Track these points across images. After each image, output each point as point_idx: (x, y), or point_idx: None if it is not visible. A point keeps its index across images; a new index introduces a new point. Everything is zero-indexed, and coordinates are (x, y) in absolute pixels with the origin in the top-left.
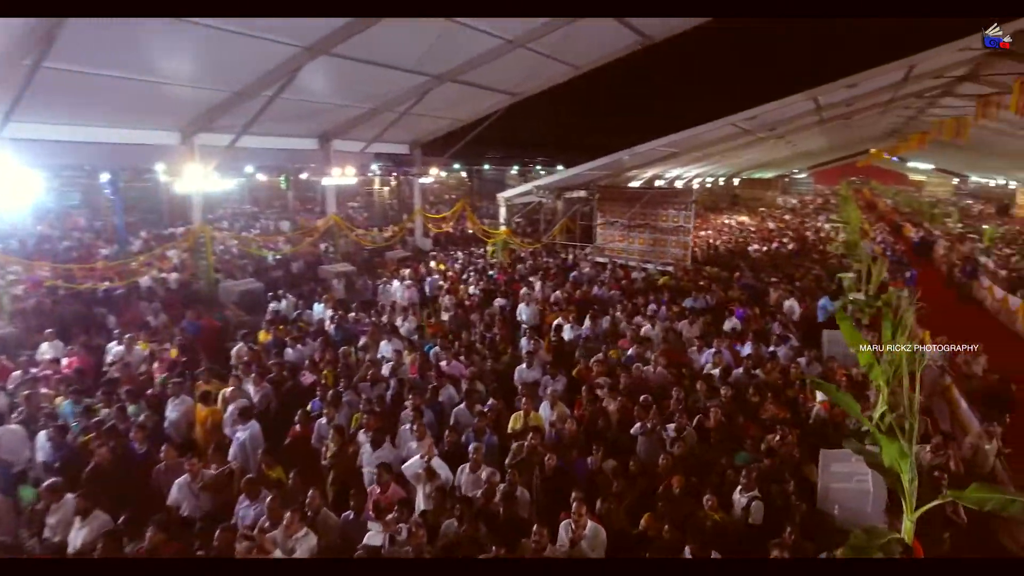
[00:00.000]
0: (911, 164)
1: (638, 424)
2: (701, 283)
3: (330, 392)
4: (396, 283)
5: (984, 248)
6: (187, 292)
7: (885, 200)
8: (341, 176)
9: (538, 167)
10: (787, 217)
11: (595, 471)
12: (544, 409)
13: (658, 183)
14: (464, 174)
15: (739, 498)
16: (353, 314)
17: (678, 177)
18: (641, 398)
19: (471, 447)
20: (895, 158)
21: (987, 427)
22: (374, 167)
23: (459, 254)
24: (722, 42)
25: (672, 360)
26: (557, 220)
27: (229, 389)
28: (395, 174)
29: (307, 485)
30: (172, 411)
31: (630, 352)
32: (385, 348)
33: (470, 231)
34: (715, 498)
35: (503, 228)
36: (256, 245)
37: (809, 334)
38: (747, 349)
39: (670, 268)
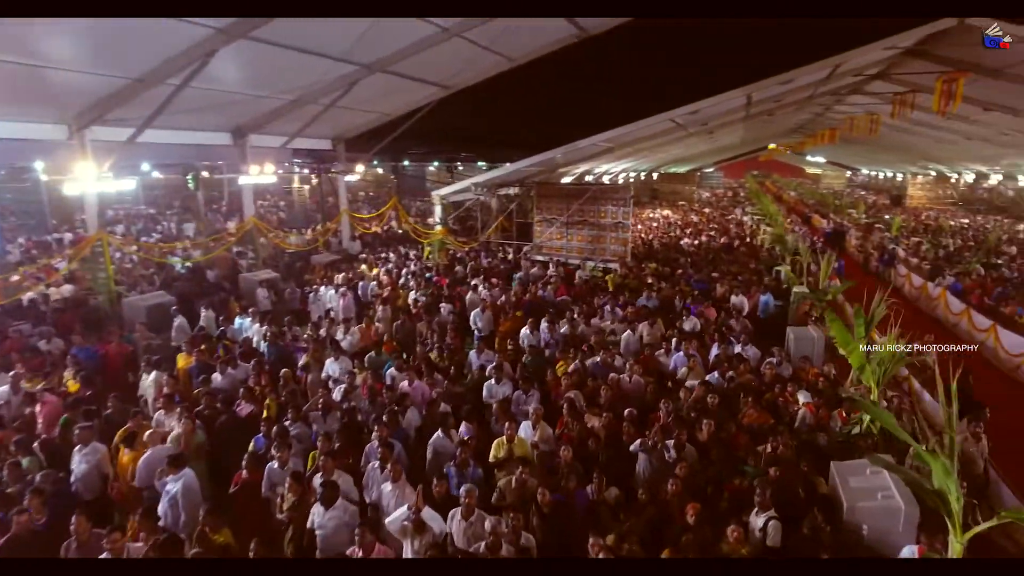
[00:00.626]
0: (809, 159)
1: (637, 442)
2: (650, 280)
3: (275, 427)
4: (328, 290)
5: (892, 237)
6: (85, 310)
7: (789, 192)
8: (260, 174)
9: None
10: (706, 210)
11: (596, 502)
12: (525, 430)
13: (588, 179)
14: (382, 170)
15: (755, 519)
16: (288, 329)
17: (606, 172)
18: (626, 412)
19: (462, 490)
20: (800, 153)
21: (973, 427)
22: (287, 163)
23: (391, 256)
24: (656, 37)
25: (644, 367)
26: (492, 218)
27: (147, 432)
28: (317, 171)
29: (262, 548)
30: (80, 463)
31: (596, 359)
32: (331, 367)
33: (400, 231)
34: (739, 529)
35: (439, 228)
36: (160, 252)
37: (758, 331)
38: (714, 350)
39: (612, 265)
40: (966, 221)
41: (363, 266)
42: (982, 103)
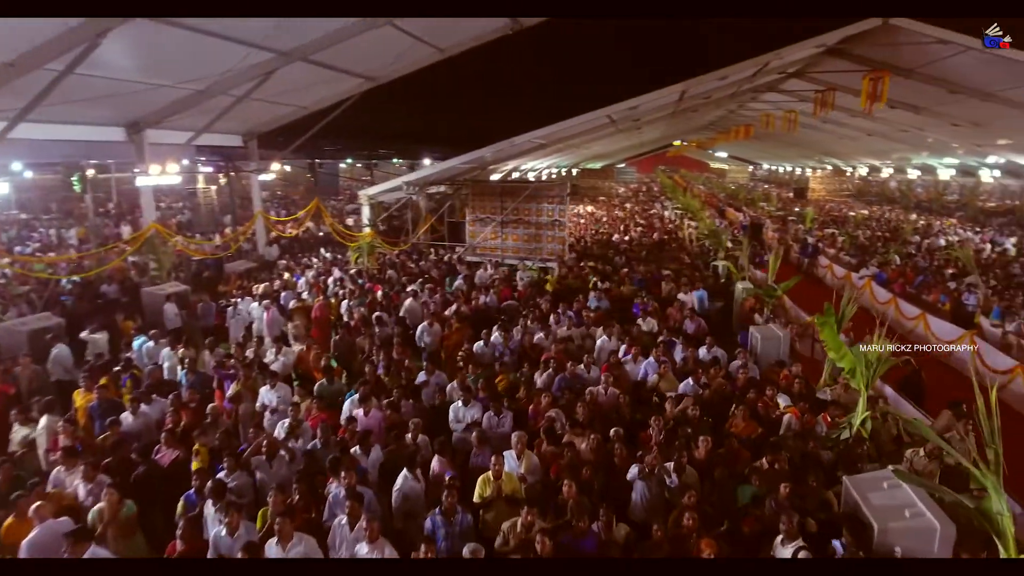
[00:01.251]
0: (715, 154)
1: (634, 469)
2: (594, 280)
3: (209, 479)
4: (248, 302)
5: (806, 229)
6: None
7: (698, 186)
8: (162, 174)
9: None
10: (627, 205)
11: (606, 542)
12: (509, 461)
13: (515, 176)
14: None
15: (781, 550)
16: (209, 352)
17: (531, 169)
18: (613, 432)
19: (467, 550)
20: (708, 149)
21: (964, 424)
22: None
23: (314, 261)
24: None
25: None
26: (423, 219)
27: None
28: (226, 171)
29: None
30: None
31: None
32: (267, 396)
33: (320, 234)
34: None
35: (367, 229)
36: (42, 265)
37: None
38: (678, 353)
39: (550, 265)
40: (866, 212)
41: (286, 274)
42: (890, 101)
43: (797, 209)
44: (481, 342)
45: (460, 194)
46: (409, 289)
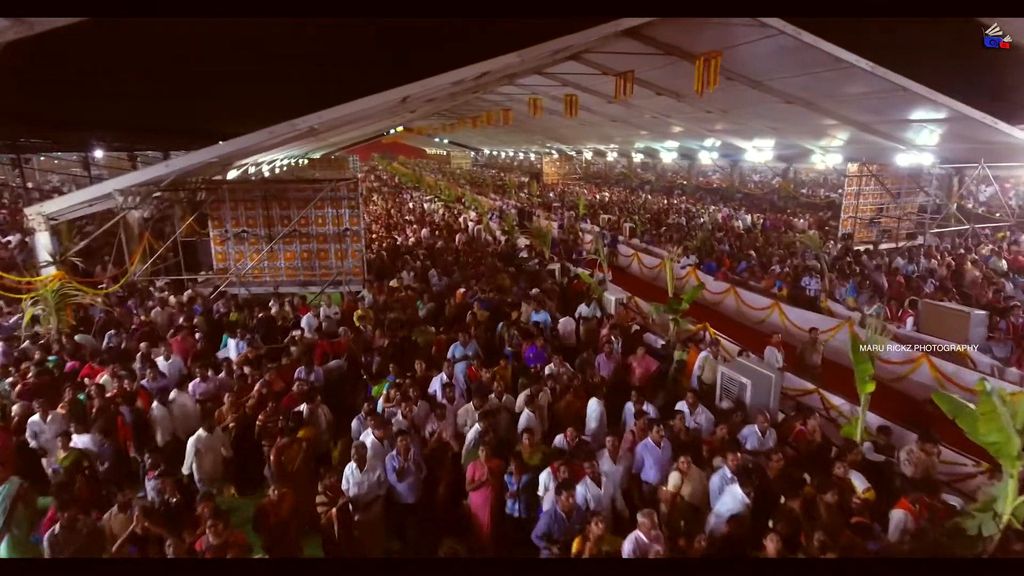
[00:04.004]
0: (434, 140)
1: None
2: (420, 305)
3: None
4: None
5: (580, 215)
6: None
7: (428, 174)
8: None
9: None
10: (376, 198)
11: None
12: None
13: (233, 174)
14: None
15: None
16: None
17: (253, 163)
18: None
19: None
20: (427, 135)
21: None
22: None
23: None
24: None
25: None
26: (136, 240)
27: None
28: None
29: None
30: None
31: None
32: None
33: None
34: None
35: (52, 270)
36: None
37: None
38: (628, 410)
39: (352, 287)
40: (607, 195)
41: None
42: (656, 87)
43: (555, 195)
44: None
45: (199, 200)
46: (149, 373)
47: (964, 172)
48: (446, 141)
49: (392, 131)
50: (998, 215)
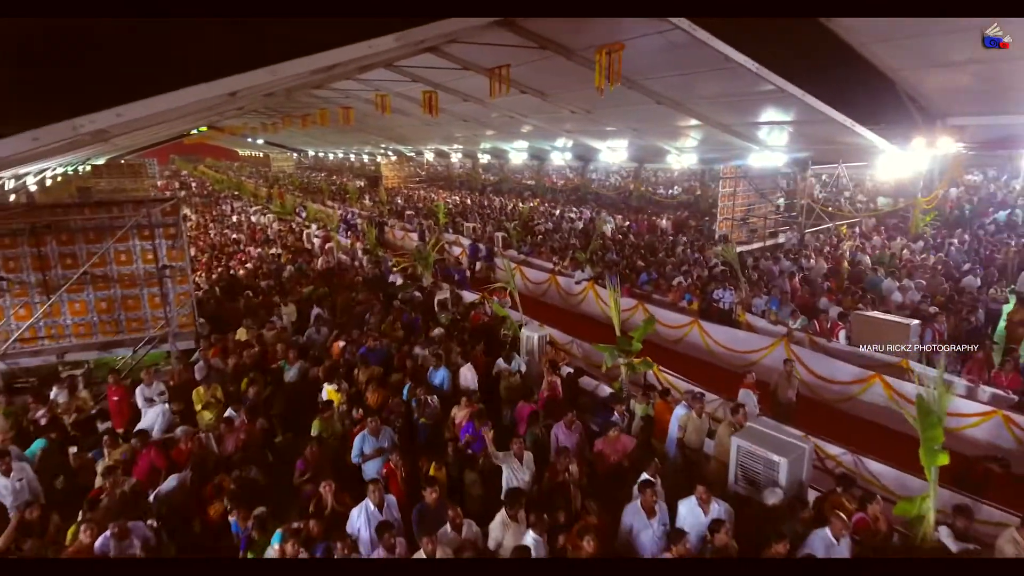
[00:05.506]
0: (248, 141)
1: None
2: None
3: None
4: None
5: (442, 226)
6: None
7: (244, 178)
8: None
9: None
10: (190, 214)
11: None
12: None
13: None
14: None
15: None
16: None
17: (15, 176)
18: None
19: None
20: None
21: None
22: None
23: None
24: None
25: None
26: None
27: None
28: None
29: None
30: None
31: None
32: None
33: None
34: None
35: None
36: None
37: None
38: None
39: (164, 347)
40: (457, 199)
41: None
42: (521, 86)
43: (404, 202)
44: None
45: None
46: None
47: (812, 171)
48: (260, 141)
49: (196, 131)
50: (848, 210)
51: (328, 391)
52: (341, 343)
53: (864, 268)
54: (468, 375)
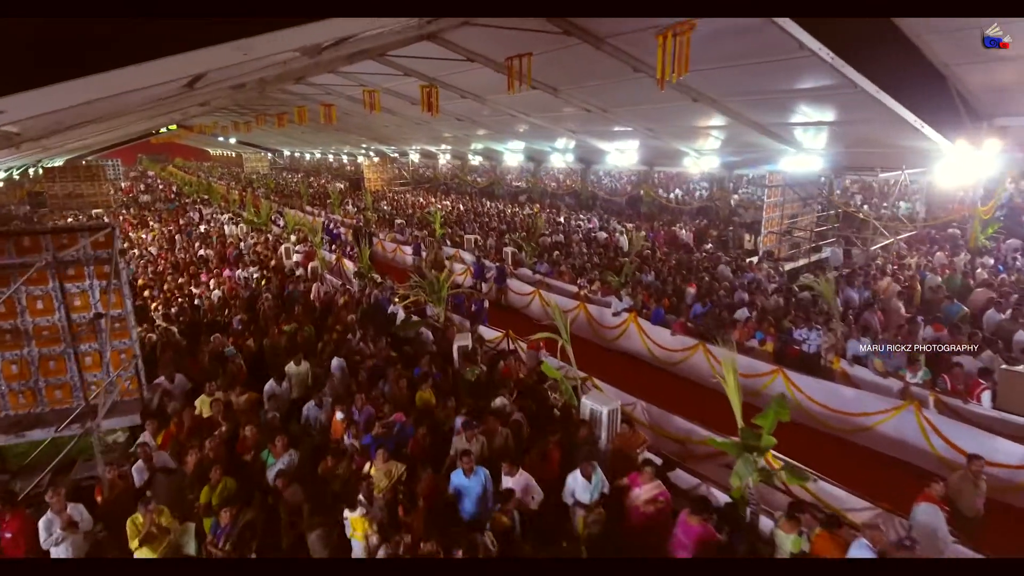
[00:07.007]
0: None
1: None
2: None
3: None
4: None
5: (439, 237)
6: None
7: (216, 180)
8: None
9: None
10: (153, 223)
11: None
12: None
13: None
14: None
15: None
16: None
17: None
18: None
19: None
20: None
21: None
22: None
23: None
24: None
25: None
26: None
27: None
28: None
29: None
30: None
31: None
32: None
33: None
34: None
35: None
36: None
37: None
38: None
39: (120, 423)
40: (449, 204)
41: None
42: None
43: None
44: None
45: None
46: None
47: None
48: (233, 141)
49: (165, 129)
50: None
51: (352, 520)
52: (340, 415)
53: (941, 293)
54: (521, 482)
